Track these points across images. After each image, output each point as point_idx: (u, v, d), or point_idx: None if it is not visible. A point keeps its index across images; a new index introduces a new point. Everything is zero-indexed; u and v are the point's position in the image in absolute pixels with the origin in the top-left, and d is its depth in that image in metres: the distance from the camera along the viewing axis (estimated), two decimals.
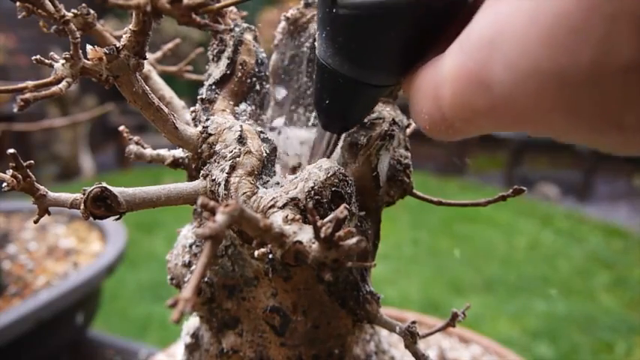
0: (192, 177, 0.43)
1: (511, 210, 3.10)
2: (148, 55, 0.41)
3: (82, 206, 0.32)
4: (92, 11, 0.34)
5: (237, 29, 0.42)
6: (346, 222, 0.34)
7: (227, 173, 0.35)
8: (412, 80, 0.26)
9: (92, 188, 0.32)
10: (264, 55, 0.44)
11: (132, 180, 3.45)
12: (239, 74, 0.42)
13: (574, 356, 1.78)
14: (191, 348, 0.47)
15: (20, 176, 0.32)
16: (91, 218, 0.33)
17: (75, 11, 0.32)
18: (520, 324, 1.96)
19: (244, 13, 0.44)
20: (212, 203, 0.22)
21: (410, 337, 0.38)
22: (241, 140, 0.36)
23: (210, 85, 0.42)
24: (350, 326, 0.42)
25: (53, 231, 1.18)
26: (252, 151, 0.36)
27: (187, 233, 0.45)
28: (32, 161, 0.32)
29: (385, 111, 0.41)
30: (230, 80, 0.42)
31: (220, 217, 0.21)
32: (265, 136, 0.39)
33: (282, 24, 0.45)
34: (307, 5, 0.44)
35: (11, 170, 0.32)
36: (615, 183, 4.02)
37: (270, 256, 0.33)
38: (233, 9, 0.43)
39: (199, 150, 0.38)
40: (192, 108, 0.43)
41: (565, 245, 2.74)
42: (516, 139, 3.84)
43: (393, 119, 0.41)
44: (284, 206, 0.33)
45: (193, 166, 0.41)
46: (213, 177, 0.36)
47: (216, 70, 0.42)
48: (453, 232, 2.87)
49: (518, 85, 0.19)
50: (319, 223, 0.24)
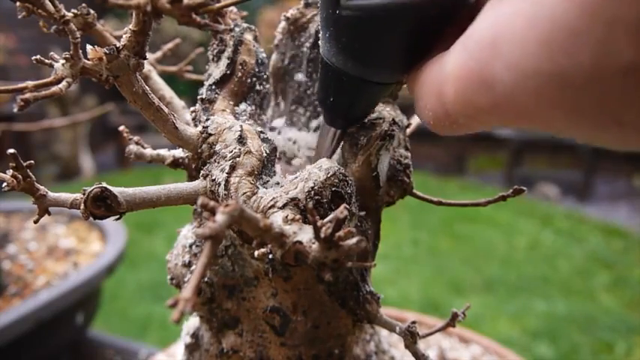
0: (192, 177, 0.43)
1: (511, 210, 3.10)
2: (148, 55, 0.41)
3: (82, 206, 0.32)
4: (92, 11, 0.34)
5: (237, 29, 0.42)
6: (346, 222, 0.34)
7: (227, 173, 0.35)
8: (416, 77, 0.26)
9: (92, 188, 0.32)
10: (264, 55, 0.44)
11: (132, 180, 3.46)
12: (239, 74, 0.42)
13: (574, 356, 1.78)
14: (191, 348, 0.47)
15: (20, 176, 0.32)
16: (91, 218, 0.33)
17: (75, 11, 0.32)
18: (520, 324, 1.96)
19: (244, 13, 0.44)
20: (212, 203, 0.22)
21: (410, 337, 0.38)
22: (241, 140, 0.36)
23: (210, 85, 0.42)
24: (350, 326, 0.42)
25: (53, 231, 1.18)
26: (252, 151, 0.36)
27: (187, 233, 0.45)
28: (32, 161, 0.32)
29: (385, 111, 0.41)
30: (230, 80, 0.42)
31: (220, 217, 0.21)
32: (265, 136, 0.39)
33: (282, 24, 0.45)
34: (307, 5, 0.44)
35: (11, 170, 0.32)
36: (615, 183, 4.02)
37: (270, 256, 0.33)
38: (233, 9, 0.43)
39: (199, 150, 0.38)
40: (192, 108, 0.43)
41: (565, 245, 2.74)
42: (516, 139, 3.84)
43: (393, 119, 0.41)
44: (284, 206, 0.33)
45: (193, 166, 0.41)
46: (213, 177, 0.36)
47: (216, 70, 0.42)
48: (453, 232, 2.87)
49: (519, 85, 0.19)
50: (319, 223, 0.24)
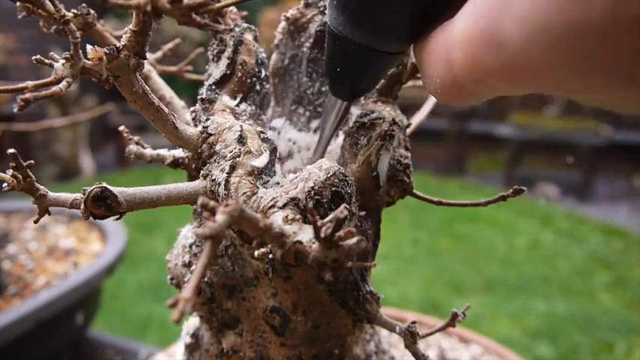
0: (192, 177, 0.43)
1: (511, 210, 3.10)
2: (148, 55, 0.41)
3: (82, 206, 0.32)
4: (92, 11, 0.34)
5: (237, 29, 0.42)
6: (346, 222, 0.34)
7: (227, 173, 0.35)
8: (423, 45, 0.26)
9: (92, 188, 0.32)
10: (264, 55, 0.44)
11: (132, 180, 3.46)
12: (239, 74, 0.42)
13: (574, 356, 1.78)
14: (191, 348, 0.47)
15: (20, 176, 0.32)
16: (91, 218, 0.33)
17: (75, 11, 0.32)
18: (520, 324, 1.96)
19: (244, 13, 0.44)
20: (212, 203, 0.22)
21: (410, 337, 0.38)
22: (241, 140, 0.36)
23: (210, 85, 0.42)
24: (350, 326, 0.42)
25: (53, 231, 1.17)
26: (252, 151, 0.36)
27: (187, 233, 0.45)
28: (32, 161, 0.32)
29: (385, 111, 0.41)
30: (230, 80, 0.42)
31: (220, 217, 0.21)
32: (265, 136, 0.39)
33: (282, 24, 0.45)
34: (307, 5, 0.44)
35: (11, 170, 0.32)
36: (615, 183, 4.02)
37: (270, 256, 0.33)
38: (233, 9, 0.43)
39: (199, 150, 0.38)
40: (192, 108, 0.43)
41: (565, 245, 2.74)
42: (516, 139, 3.84)
43: (393, 119, 0.41)
44: (284, 206, 0.33)
45: (193, 166, 0.41)
46: (213, 177, 0.36)
47: (216, 70, 0.42)
48: (453, 232, 2.87)
49: (529, 42, 0.18)
50: (319, 223, 0.24)
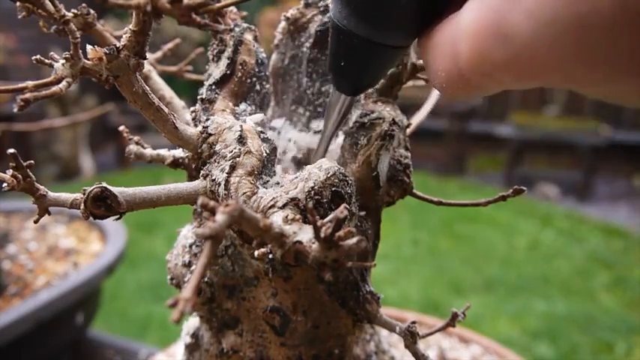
0: (192, 177, 0.43)
1: (511, 210, 3.10)
2: (148, 55, 0.41)
3: (82, 206, 0.32)
4: (92, 11, 0.34)
5: (237, 29, 0.42)
6: (346, 222, 0.34)
7: (227, 173, 0.35)
8: (428, 39, 0.26)
9: (92, 188, 0.32)
10: (264, 55, 0.44)
11: (132, 180, 3.46)
12: (239, 74, 0.42)
13: (574, 356, 1.78)
14: (191, 348, 0.47)
15: (20, 176, 0.32)
16: (91, 218, 0.33)
17: (75, 11, 0.32)
18: (520, 324, 1.96)
19: (244, 13, 0.44)
20: (212, 203, 0.22)
21: (410, 337, 0.38)
22: (241, 140, 0.36)
23: (210, 85, 0.42)
24: (350, 326, 0.42)
25: (53, 231, 1.17)
26: (252, 151, 0.36)
27: (187, 233, 0.45)
28: (32, 161, 0.32)
29: (385, 111, 0.41)
30: (230, 80, 0.42)
31: (220, 217, 0.21)
32: (265, 136, 0.39)
33: (282, 24, 0.45)
34: (307, 5, 0.44)
35: (11, 170, 0.32)
36: (615, 183, 4.02)
37: (270, 256, 0.33)
38: (233, 9, 0.43)
39: (199, 150, 0.38)
40: (192, 108, 0.43)
41: (565, 245, 2.74)
42: (516, 139, 3.84)
43: (393, 119, 0.41)
44: (284, 206, 0.33)
45: (193, 166, 0.41)
46: (213, 177, 0.36)
47: (216, 70, 0.42)
48: (453, 232, 2.87)
49: (537, 34, 0.18)
50: (319, 223, 0.24)
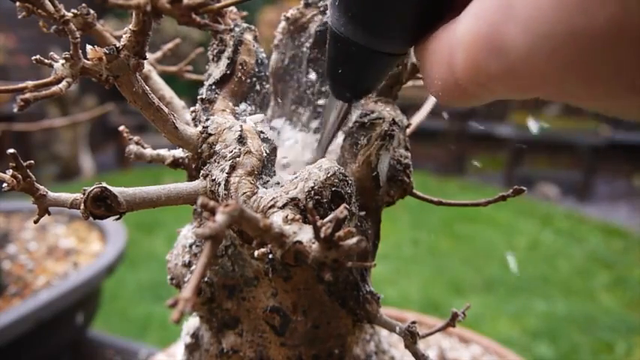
0: (192, 177, 0.43)
1: (511, 210, 3.10)
2: (148, 55, 0.41)
3: (82, 206, 0.32)
4: (92, 11, 0.34)
5: (237, 29, 0.42)
6: (346, 222, 0.34)
7: (227, 173, 0.35)
8: (425, 46, 0.26)
9: (92, 188, 0.32)
10: (264, 55, 0.44)
11: (132, 180, 3.46)
12: (239, 74, 0.42)
13: (574, 356, 1.78)
14: (191, 348, 0.47)
15: (20, 176, 0.32)
16: (91, 218, 0.33)
17: (75, 11, 0.32)
18: (520, 324, 1.96)
19: (244, 13, 0.44)
20: (212, 203, 0.22)
21: (410, 337, 0.38)
22: (241, 140, 0.36)
23: (210, 85, 0.42)
24: (350, 326, 0.42)
25: (53, 231, 1.17)
26: (252, 151, 0.36)
27: (187, 233, 0.45)
28: (32, 161, 0.32)
29: (385, 111, 0.41)
30: (230, 80, 0.42)
31: (220, 217, 0.21)
32: (265, 136, 0.39)
33: (282, 24, 0.45)
34: (307, 5, 0.44)
35: (11, 170, 0.32)
36: (615, 183, 4.02)
37: (270, 256, 0.33)
38: (233, 9, 0.43)
39: (199, 150, 0.38)
40: (192, 108, 0.43)
41: (565, 245, 2.74)
42: (516, 139, 3.84)
43: (393, 119, 0.41)
44: (284, 206, 0.33)
45: (193, 166, 0.41)
46: (213, 177, 0.36)
47: (216, 70, 0.42)
48: (453, 232, 2.87)
49: (533, 48, 0.18)
50: (319, 223, 0.24)
